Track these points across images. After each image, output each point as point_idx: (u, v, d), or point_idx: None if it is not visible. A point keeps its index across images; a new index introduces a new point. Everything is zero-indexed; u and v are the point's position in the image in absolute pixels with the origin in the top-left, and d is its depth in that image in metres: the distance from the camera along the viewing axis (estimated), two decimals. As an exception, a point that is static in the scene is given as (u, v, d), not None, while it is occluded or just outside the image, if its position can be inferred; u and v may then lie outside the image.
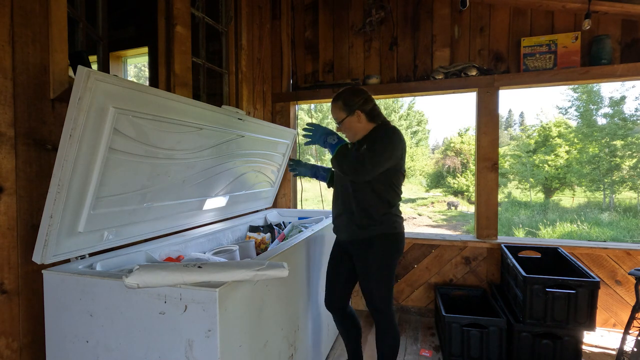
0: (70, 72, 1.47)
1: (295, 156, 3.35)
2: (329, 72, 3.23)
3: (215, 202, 2.12)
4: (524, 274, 2.08)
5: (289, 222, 2.53)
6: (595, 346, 2.38)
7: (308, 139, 1.75)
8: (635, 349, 1.90)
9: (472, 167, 22.58)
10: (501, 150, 21.98)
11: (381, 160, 1.54)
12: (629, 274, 2.00)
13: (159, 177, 1.53)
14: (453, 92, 2.89)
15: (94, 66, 1.75)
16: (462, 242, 2.85)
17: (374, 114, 1.70)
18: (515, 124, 45.44)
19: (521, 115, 46.21)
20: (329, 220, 2.29)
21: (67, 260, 1.29)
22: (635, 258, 2.52)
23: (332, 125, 26.67)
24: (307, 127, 1.73)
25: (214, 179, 1.98)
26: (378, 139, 1.60)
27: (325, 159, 21.03)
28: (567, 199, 19.56)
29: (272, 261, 1.17)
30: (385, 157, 1.55)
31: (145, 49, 3.30)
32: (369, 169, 1.52)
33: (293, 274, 1.66)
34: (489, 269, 2.81)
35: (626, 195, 17.48)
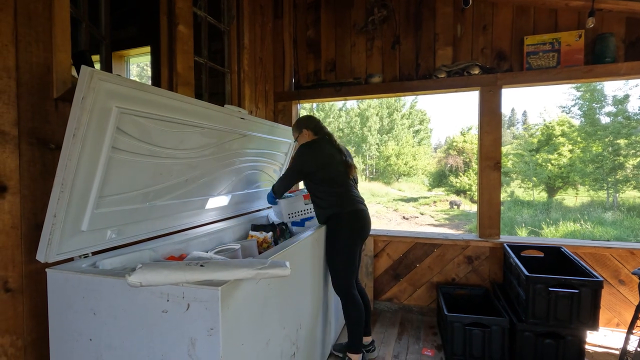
0: (74, 72, 1.48)
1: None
2: (331, 71, 3.23)
3: (218, 201, 2.13)
4: (526, 273, 2.07)
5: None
6: (599, 346, 2.37)
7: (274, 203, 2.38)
8: (638, 349, 1.89)
9: (475, 166, 22.50)
10: (504, 149, 21.91)
11: (284, 181, 2.16)
12: (632, 273, 1.99)
13: (161, 176, 1.54)
14: (455, 91, 2.88)
15: (97, 66, 1.76)
16: (465, 242, 2.84)
17: (317, 129, 2.20)
18: (518, 122, 45.20)
19: (524, 114, 45.96)
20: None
21: (71, 259, 1.30)
22: (639, 257, 2.51)
23: (334, 124, 26.66)
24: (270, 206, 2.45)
25: (217, 178, 1.98)
26: (291, 160, 2.18)
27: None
28: (570, 198, 19.45)
29: (275, 260, 1.17)
30: (288, 177, 2.13)
31: (148, 49, 3.31)
32: (284, 183, 2.17)
33: (295, 273, 1.66)
34: (491, 268, 2.80)
35: (630, 195, 17.36)
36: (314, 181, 2.09)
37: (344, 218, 2.04)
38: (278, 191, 2.24)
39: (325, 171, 2.05)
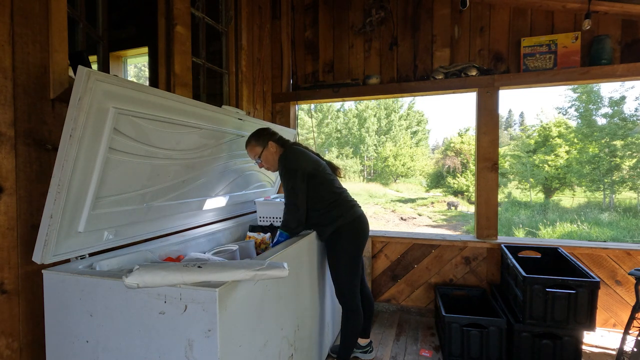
0: (71, 72, 1.47)
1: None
2: (329, 72, 3.23)
3: (215, 202, 2.13)
4: (524, 274, 2.08)
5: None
6: (595, 346, 2.38)
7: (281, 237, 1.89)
8: (635, 349, 1.90)
9: (472, 167, 22.58)
10: (501, 151, 21.97)
11: (292, 193, 1.81)
12: (629, 274, 2.00)
13: (159, 177, 1.53)
14: (453, 92, 2.89)
15: (94, 66, 1.75)
16: (462, 242, 2.85)
17: (282, 141, 1.99)
18: (515, 124, 45.41)
19: (521, 115, 46.18)
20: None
21: (67, 260, 1.30)
22: (635, 258, 2.52)
23: (331, 125, 26.65)
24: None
25: (214, 179, 1.98)
26: (281, 176, 1.86)
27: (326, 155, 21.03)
28: (567, 199, 19.55)
29: (272, 261, 1.17)
30: (293, 187, 1.80)
31: (145, 49, 3.30)
32: (293, 209, 1.82)
33: (293, 274, 1.66)
34: (489, 269, 2.81)
35: (626, 195, 17.47)
36: (311, 188, 1.89)
37: (347, 230, 1.92)
38: (294, 219, 1.83)
39: (320, 174, 1.91)
